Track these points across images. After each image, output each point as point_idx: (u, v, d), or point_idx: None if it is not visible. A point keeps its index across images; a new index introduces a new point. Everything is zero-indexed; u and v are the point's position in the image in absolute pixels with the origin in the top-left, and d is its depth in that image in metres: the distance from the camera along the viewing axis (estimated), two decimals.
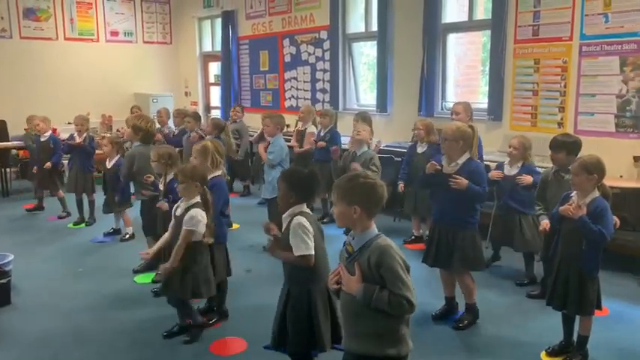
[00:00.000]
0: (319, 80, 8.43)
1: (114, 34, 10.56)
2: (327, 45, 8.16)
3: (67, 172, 6.74)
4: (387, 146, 6.64)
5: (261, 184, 6.56)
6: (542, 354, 3.39)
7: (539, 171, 4.47)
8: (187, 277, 3.40)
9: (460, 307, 3.95)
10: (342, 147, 6.15)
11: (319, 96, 8.46)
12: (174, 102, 10.49)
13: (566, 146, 3.92)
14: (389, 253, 2.09)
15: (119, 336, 3.74)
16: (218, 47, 10.44)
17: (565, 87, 5.57)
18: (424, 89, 6.81)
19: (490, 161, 5.22)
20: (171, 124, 7.74)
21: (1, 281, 4.19)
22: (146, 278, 4.72)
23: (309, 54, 8.53)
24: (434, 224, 3.89)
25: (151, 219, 4.61)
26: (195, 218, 3.34)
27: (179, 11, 11.22)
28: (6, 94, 9.23)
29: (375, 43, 7.45)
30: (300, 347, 2.76)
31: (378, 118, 7.35)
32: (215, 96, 11.15)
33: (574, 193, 3.23)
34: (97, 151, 6.61)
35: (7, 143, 8.31)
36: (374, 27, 7.47)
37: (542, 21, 5.67)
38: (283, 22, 8.90)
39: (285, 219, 2.75)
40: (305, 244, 2.65)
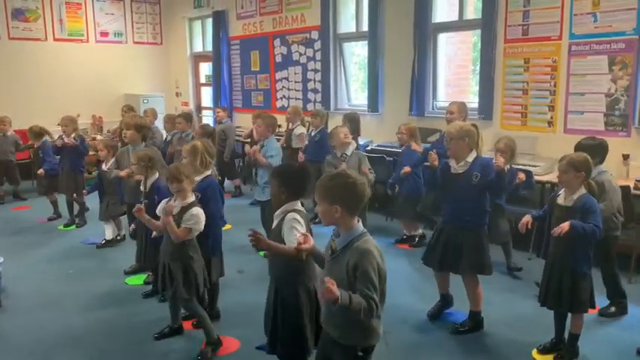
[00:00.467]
0: (310, 80, 8.43)
1: (104, 34, 10.50)
2: (318, 45, 8.16)
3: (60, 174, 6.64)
4: (379, 146, 6.67)
5: (253, 184, 6.55)
6: (534, 352, 3.41)
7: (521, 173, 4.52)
8: (190, 275, 3.37)
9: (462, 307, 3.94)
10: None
11: (310, 96, 8.47)
12: (165, 103, 10.46)
13: (589, 149, 3.80)
14: (367, 258, 2.12)
15: (110, 337, 3.72)
16: (209, 47, 10.41)
17: (555, 86, 5.61)
18: (415, 89, 6.83)
19: None
20: (157, 124, 7.68)
21: None
22: (137, 280, 4.70)
23: (301, 54, 8.53)
24: (442, 226, 3.78)
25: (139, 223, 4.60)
26: (196, 217, 3.32)
27: (169, 11, 11.18)
28: None
29: (365, 43, 7.46)
30: (291, 347, 2.74)
31: (370, 118, 7.37)
32: (206, 96, 11.13)
33: (562, 191, 3.26)
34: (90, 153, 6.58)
35: None
36: (365, 27, 7.48)
37: (531, 20, 5.71)
38: (274, 23, 8.89)
39: (277, 216, 2.73)
40: (294, 238, 2.60)
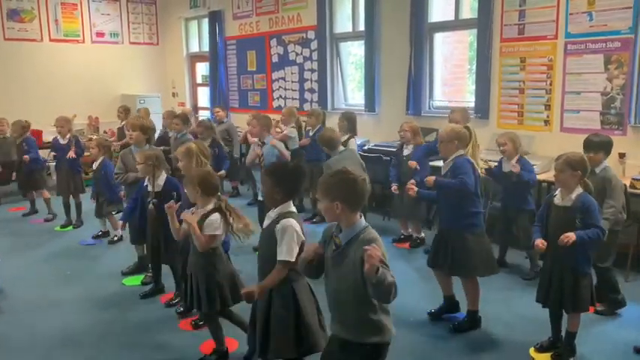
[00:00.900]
0: (307, 80, 8.43)
1: (100, 35, 10.47)
2: (314, 45, 8.16)
3: (55, 175, 6.65)
4: (376, 146, 6.67)
5: (250, 184, 6.53)
6: (531, 350, 3.42)
7: (531, 168, 4.59)
8: (212, 287, 3.20)
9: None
10: None
11: (307, 96, 8.47)
12: (161, 103, 10.43)
13: (601, 146, 3.88)
14: (376, 244, 2.11)
15: (108, 338, 3.72)
16: (205, 48, 10.40)
17: (551, 85, 5.62)
18: (412, 88, 6.83)
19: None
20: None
21: None
22: (135, 280, 4.70)
23: (297, 54, 8.52)
24: (439, 228, 3.88)
25: (137, 226, 4.59)
26: (215, 223, 3.17)
27: (165, 12, 11.15)
28: None
29: (362, 42, 7.47)
30: (286, 350, 2.67)
31: (367, 117, 7.37)
32: (203, 97, 11.11)
33: (557, 191, 3.27)
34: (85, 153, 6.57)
35: None
36: (361, 27, 7.48)
37: (527, 20, 5.72)
38: (270, 22, 8.88)
39: (270, 217, 2.71)
40: (290, 252, 2.59)
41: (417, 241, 5.59)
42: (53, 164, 7.06)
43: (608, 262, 3.91)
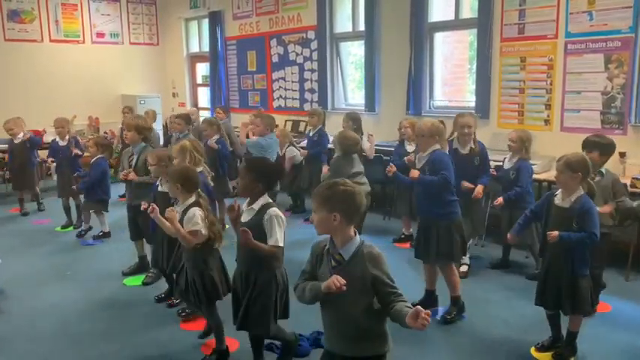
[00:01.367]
0: (307, 80, 8.43)
1: (100, 35, 10.48)
2: (314, 45, 8.16)
3: (55, 177, 6.61)
4: (376, 145, 6.66)
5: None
6: (532, 349, 3.42)
7: (532, 168, 4.66)
8: (206, 281, 3.27)
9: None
10: (329, 147, 6.19)
11: (307, 96, 8.47)
12: (161, 103, 10.44)
13: (597, 146, 3.89)
14: (382, 260, 2.18)
15: (109, 339, 3.72)
16: (205, 48, 10.41)
17: (551, 84, 5.62)
18: (412, 88, 6.84)
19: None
20: (154, 126, 7.68)
21: None
22: (135, 281, 4.70)
23: (297, 54, 8.52)
24: (418, 219, 4.03)
25: (136, 224, 4.60)
26: (195, 217, 3.21)
27: (165, 12, 11.16)
28: None
29: (362, 42, 7.47)
30: (268, 328, 2.96)
31: (367, 117, 7.37)
32: (203, 97, 11.12)
33: (559, 192, 3.26)
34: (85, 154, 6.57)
35: None
36: (361, 27, 7.48)
37: (527, 19, 5.72)
38: (270, 23, 8.89)
39: (251, 210, 2.89)
40: (280, 236, 2.84)
41: (402, 236, 5.53)
42: (53, 165, 7.04)
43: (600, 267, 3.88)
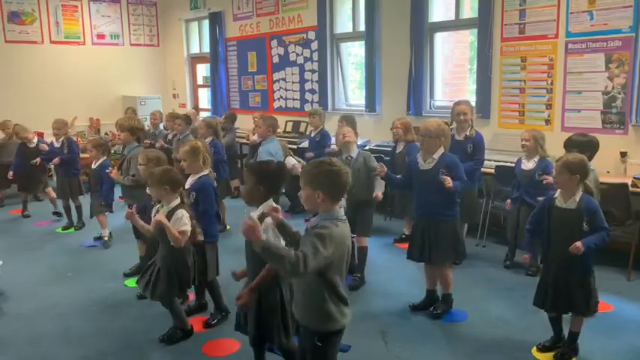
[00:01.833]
0: (308, 81, 8.43)
1: (100, 36, 10.49)
2: (315, 45, 8.16)
3: (55, 178, 6.62)
4: (377, 145, 6.67)
5: None
6: (534, 350, 3.42)
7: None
8: (174, 280, 3.43)
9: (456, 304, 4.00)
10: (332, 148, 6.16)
11: (308, 96, 8.47)
12: (162, 104, 10.44)
13: (578, 145, 3.91)
14: (322, 231, 2.16)
15: (110, 339, 3.72)
16: (206, 49, 10.41)
17: (552, 84, 5.62)
18: (412, 88, 6.83)
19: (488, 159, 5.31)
20: (161, 126, 7.70)
21: None
22: (136, 281, 4.69)
23: (298, 54, 8.52)
24: (416, 220, 3.98)
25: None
26: (183, 218, 3.33)
27: (166, 13, 11.17)
28: None
29: (362, 43, 7.47)
30: (282, 338, 2.83)
31: (367, 117, 7.37)
32: (203, 98, 11.12)
33: (557, 193, 3.24)
34: (83, 155, 6.57)
35: None
36: (362, 27, 7.48)
37: (528, 19, 5.72)
38: (271, 23, 8.89)
39: (253, 214, 2.76)
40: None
41: (403, 236, 5.49)
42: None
43: None
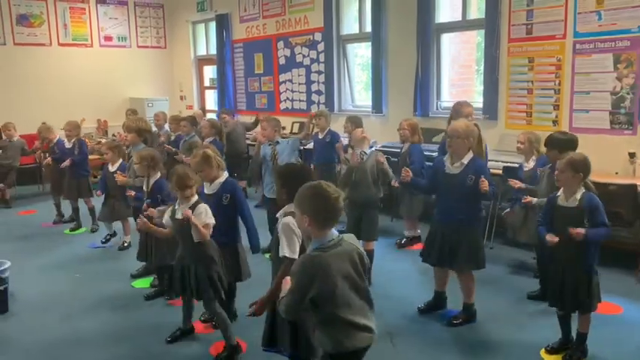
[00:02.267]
0: (314, 82, 8.43)
1: (108, 39, 10.55)
2: (321, 47, 8.17)
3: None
4: (383, 146, 6.65)
5: (258, 186, 6.52)
6: (542, 352, 3.40)
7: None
8: (213, 274, 3.36)
9: (456, 305, 3.95)
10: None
11: (314, 97, 8.47)
12: (169, 106, 10.48)
13: (559, 144, 3.89)
14: (294, 274, 2.14)
15: (118, 341, 3.73)
16: (212, 51, 10.44)
17: (559, 85, 5.59)
18: (419, 89, 6.82)
19: (492, 160, 5.30)
20: (167, 127, 7.72)
21: None
22: (144, 283, 4.72)
23: (304, 56, 8.53)
24: (437, 224, 3.84)
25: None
26: (205, 212, 3.31)
27: (173, 15, 11.21)
28: (0, 100, 9.19)
29: (369, 44, 7.46)
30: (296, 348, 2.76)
31: (374, 118, 7.36)
32: (210, 99, 11.15)
33: (560, 192, 3.24)
34: (92, 156, 6.60)
35: None
36: (368, 28, 7.47)
37: (535, 19, 5.69)
38: (277, 25, 8.90)
39: (279, 217, 2.76)
40: (289, 247, 2.63)
41: (410, 239, 5.50)
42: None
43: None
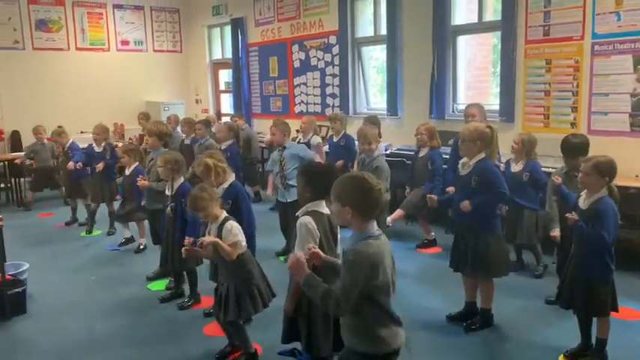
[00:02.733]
0: (329, 85, 8.43)
1: (124, 43, 10.66)
2: (336, 50, 8.16)
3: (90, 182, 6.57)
4: (398, 149, 6.63)
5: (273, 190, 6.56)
6: (561, 357, 3.35)
7: (541, 170, 4.60)
8: (253, 290, 3.26)
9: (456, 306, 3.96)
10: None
11: (329, 101, 8.47)
12: (185, 110, 10.55)
13: (574, 147, 3.92)
14: (352, 266, 2.08)
15: (133, 343, 3.75)
16: (228, 55, 10.50)
17: (577, 87, 5.52)
18: (435, 92, 6.78)
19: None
20: (178, 130, 7.77)
21: (17, 290, 4.23)
22: (160, 285, 4.74)
23: (319, 59, 8.54)
24: (456, 228, 3.91)
25: (155, 228, 4.63)
26: (234, 229, 3.24)
27: (189, 20, 11.30)
28: (19, 104, 9.33)
29: (384, 46, 7.44)
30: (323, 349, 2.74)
31: (389, 121, 7.33)
32: (225, 103, 11.21)
33: (583, 193, 3.20)
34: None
35: (21, 153, 8.37)
36: (383, 31, 7.46)
37: (552, 21, 5.63)
38: (292, 28, 8.92)
39: (298, 216, 2.72)
40: (302, 248, 2.59)
41: (425, 242, 5.45)
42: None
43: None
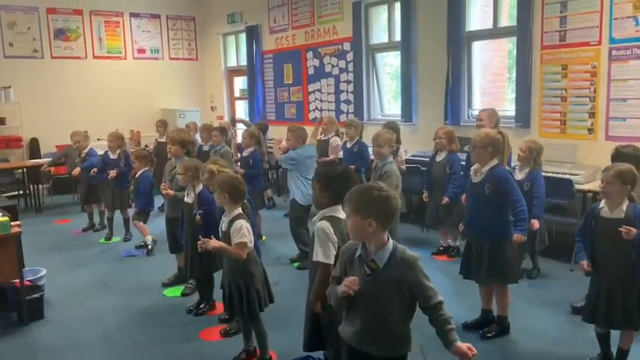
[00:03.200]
0: (343, 91, 8.44)
1: (141, 51, 10.79)
2: (350, 56, 8.18)
3: (105, 189, 6.63)
4: (413, 156, 6.60)
5: (286, 196, 6.57)
6: None
7: (542, 183, 4.48)
8: (251, 292, 3.29)
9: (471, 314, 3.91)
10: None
11: (343, 107, 8.47)
12: (200, 117, 10.63)
13: (630, 159, 3.56)
14: (417, 263, 2.12)
15: (149, 349, 3.77)
16: (243, 62, 10.57)
17: (595, 92, 5.46)
18: (449, 98, 6.75)
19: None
20: (197, 137, 7.82)
21: (35, 295, 4.27)
22: (175, 292, 4.76)
23: (333, 66, 8.55)
24: (468, 236, 3.85)
25: (174, 236, 4.61)
26: (242, 229, 3.24)
27: (204, 28, 11.40)
28: (38, 112, 9.46)
29: (398, 53, 7.43)
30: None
31: (404, 127, 7.29)
32: (240, 110, 11.27)
33: (602, 203, 3.13)
34: None
35: (40, 160, 8.49)
36: (397, 37, 7.45)
37: (569, 26, 5.58)
38: (306, 36, 8.96)
39: (315, 221, 2.70)
40: (323, 252, 2.56)
41: (453, 251, 5.42)
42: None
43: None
